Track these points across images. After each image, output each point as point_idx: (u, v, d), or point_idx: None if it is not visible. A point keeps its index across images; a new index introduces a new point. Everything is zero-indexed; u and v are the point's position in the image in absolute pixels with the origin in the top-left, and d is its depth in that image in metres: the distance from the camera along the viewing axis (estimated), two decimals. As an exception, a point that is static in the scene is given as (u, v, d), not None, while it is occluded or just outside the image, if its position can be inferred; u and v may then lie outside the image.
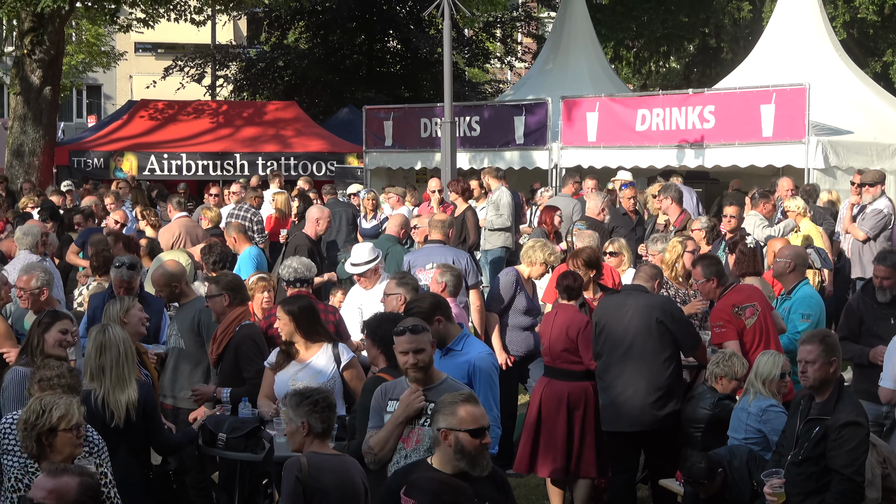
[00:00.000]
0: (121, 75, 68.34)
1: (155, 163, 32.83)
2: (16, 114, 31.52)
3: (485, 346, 9.82)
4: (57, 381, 7.98)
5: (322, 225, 16.07)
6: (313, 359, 10.08)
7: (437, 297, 9.90)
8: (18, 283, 11.45)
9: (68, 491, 5.86)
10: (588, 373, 11.37)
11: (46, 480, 5.93)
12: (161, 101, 36.97)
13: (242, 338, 10.59)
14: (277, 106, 37.39)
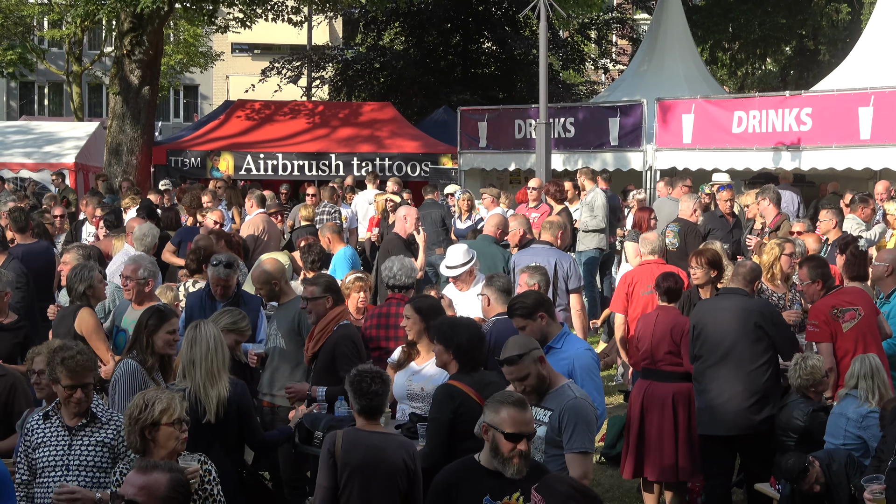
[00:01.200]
0: (217, 76, 68.97)
1: (251, 162, 33.06)
2: (115, 113, 31.90)
3: (584, 343, 9.81)
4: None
5: (410, 223, 16.08)
6: (429, 363, 10.05)
7: (541, 294, 9.90)
8: (125, 271, 11.56)
9: (159, 487, 5.86)
10: (689, 374, 11.29)
11: (137, 476, 5.93)
12: (258, 101, 37.22)
13: (341, 337, 10.59)
14: (373, 107, 37.50)
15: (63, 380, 7.67)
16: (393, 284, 11.70)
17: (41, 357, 8.57)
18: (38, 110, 69.61)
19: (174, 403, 7.34)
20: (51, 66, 54.90)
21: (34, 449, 7.74)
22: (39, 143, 35.22)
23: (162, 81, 41.18)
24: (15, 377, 9.03)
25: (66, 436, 7.74)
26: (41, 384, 8.52)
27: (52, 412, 7.83)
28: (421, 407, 10.06)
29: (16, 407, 8.90)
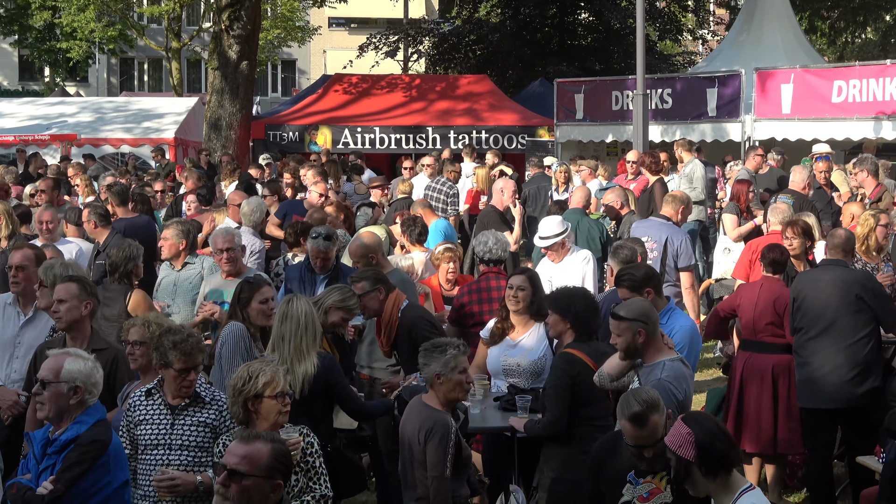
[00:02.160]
0: (315, 50, 69.30)
1: (349, 136, 33.23)
2: (213, 88, 32.17)
3: (689, 319, 9.81)
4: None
5: (507, 195, 16.07)
6: (525, 336, 10.09)
7: (651, 268, 9.93)
8: (219, 243, 11.69)
9: (261, 457, 5.88)
10: (790, 346, 11.21)
11: (239, 446, 5.96)
12: (355, 75, 37.35)
13: (412, 320, 10.50)
14: (470, 80, 37.47)
15: (176, 363, 7.69)
16: (488, 259, 11.74)
17: (136, 328, 8.63)
18: (138, 86, 70.38)
19: (278, 376, 7.39)
20: (150, 43, 55.46)
21: (135, 425, 7.80)
22: (139, 118, 35.69)
23: (260, 56, 41.42)
24: (117, 350, 9.14)
25: (169, 415, 7.77)
26: (135, 355, 8.61)
27: (155, 390, 7.87)
28: (517, 381, 10.10)
29: (118, 380, 9.01)
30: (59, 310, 9.08)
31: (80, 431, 6.98)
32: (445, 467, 8.08)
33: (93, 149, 33.01)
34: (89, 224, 14.19)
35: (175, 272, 12.40)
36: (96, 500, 6.94)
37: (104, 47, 59.89)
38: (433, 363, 8.26)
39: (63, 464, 6.91)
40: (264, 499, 5.90)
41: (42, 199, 17.03)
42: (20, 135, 33.68)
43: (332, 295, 10.00)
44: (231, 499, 5.86)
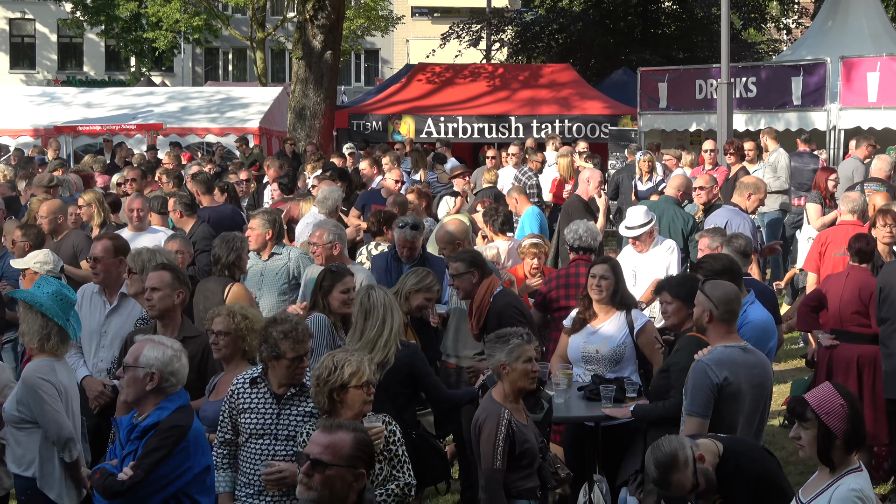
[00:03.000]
0: (398, 39, 69.38)
1: (432, 126, 33.27)
2: (298, 78, 32.33)
3: (765, 313, 9.75)
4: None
5: (593, 185, 16.04)
6: (605, 324, 10.13)
7: (733, 260, 9.90)
8: (311, 238, 11.75)
9: (343, 446, 5.86)
10: (877, 336, 11.11)
11: (322, 436, 5.94)
12: (439, 64, 37.37)
13: (503, 306, 10.54)
14: (553, 69, 37.40)
15: (289, 353, 7.72)
16: (578, 246, 11.75)
17: (220, 318, 8.67)
18: (223, 76, 70.83)
19: (363, 366, 7.42)
20: (235, 33, 55.76)
21: (239, 413, 7.84)
22: (224, 108, 35.98)
23: (343, 46, 41.57)
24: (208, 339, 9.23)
25: (275, 404, 7.79)
26: (219, 345, 8.67)
27: (260, 378, 7.89)
28: (596, 369, 10.12)
29: (209, 368, 9.08)
30: (151, 297, 9.16)
31: (160, 417, 7.06)
32: (495, 459, 8.08)
33: (178, 138, 33.31)
34: (175, 213, 14.33)
35: (262, 262, 12.44)
36: (176, 485, 7.03)
37: (189, 37, 60.30)
38: (497, 353, 8.27)
39: (143, 449, 6.99)
40: (347, 488, 5.91)
41: (131, 188, 17.19)
42: (107, 124, 34.04)
43: (409, 279, 10.13)
44: (314, 488, 5.89)
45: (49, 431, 8.09)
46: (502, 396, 8.28)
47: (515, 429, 8.13)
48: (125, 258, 10.27)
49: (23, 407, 8.11)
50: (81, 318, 10.06)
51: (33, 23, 70.40)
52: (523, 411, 8.37)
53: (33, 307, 8.24)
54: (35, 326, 8.23)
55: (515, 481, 8.20)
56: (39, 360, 8.25)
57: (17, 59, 70.56)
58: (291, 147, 29.01)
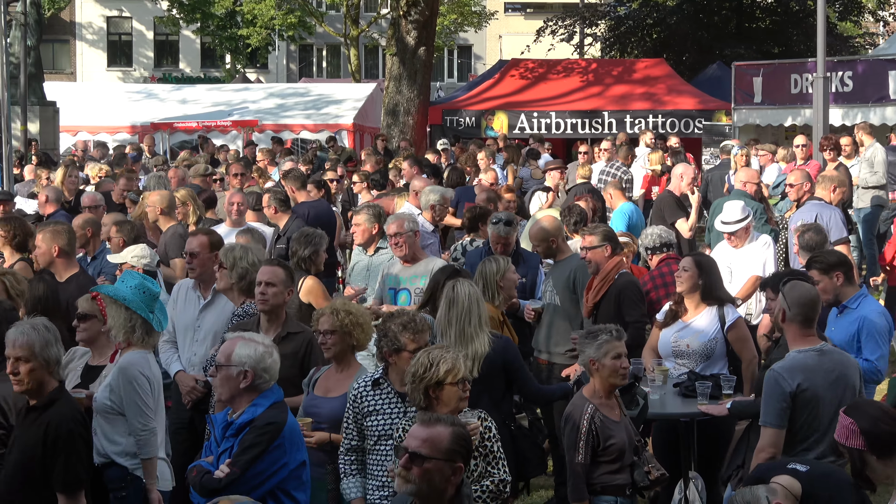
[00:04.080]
0: (490, 35, 69.35)
1: (525, 121, 33.26)
2: (391, 74, 32.48)
3: (879, 307, 9.67)
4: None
5: (686, 181, 15.95)
6: (697, 318, 10.10)
7: (843, 255, 9.85)
8: (389, 229, 11.75)
9: (441, 440, 5.89)
10: None
11: (420, 429, 5.98)
12: (532, 60, 37.35)
13: (625, 284, 10.75)
14: (647, 64, 37.26)
15: (410, 344, 7.79)
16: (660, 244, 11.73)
17: (326, 317, 8.70)
18: (317, 72, 71.17)
19: (458, 363, 7.43)
20: (329, 29, 56.06)
21: (364, 417, 7.87)
22: (318, 104, 36.19)
23: (437, 42, 41.64)
24: (312, 335, 9.28)
25: (400, 403, 7.85)
26: (327, 344, 8.71)
27: (382, 379, 7.94)
28: (686, 363, 10.10)
29: (312, 363, 9.14)
30: (265, 292, 9.21)
31: (255, 414, 7.07)
32: (577, 452, 8.10)
33: (273, 135, 33.54)
34: (270, 209, 14.45)
35: (368, 257, 12.50)
36: (273, 481, 7.04)
37: (284, 34, 60.73)
38: (587, 349, 8.28)
39: (239, 447, 7.01)
40: (445, 481, 5.93)
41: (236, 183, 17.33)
42: (203, 121, 34.38)
43: (489, 266, 10.11)
44: (412, 481, 5.92)
45: (133, 424, 8.12)
46: (592, 392, 8.29)
47: (600, 424, 8.13)
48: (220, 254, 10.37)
49: (115, 397, 8.16)
50: (176, 312, 10.24)
51: (130, 21, 71.20)
52: (617, 408, 8.36)
53: (118, 301, 8.30)
54: (120, 320, 8.28)
55: (600, 476, 8.21)
56: (136, 353, 8.30)
57: (115, 56, 71.41)
58: (383, 143, 29.12)
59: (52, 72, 55.67)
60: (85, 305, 8.85)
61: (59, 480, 7.18)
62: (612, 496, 8.24)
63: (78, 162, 24.33)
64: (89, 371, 8.77)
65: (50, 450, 7.16)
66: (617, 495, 8.26)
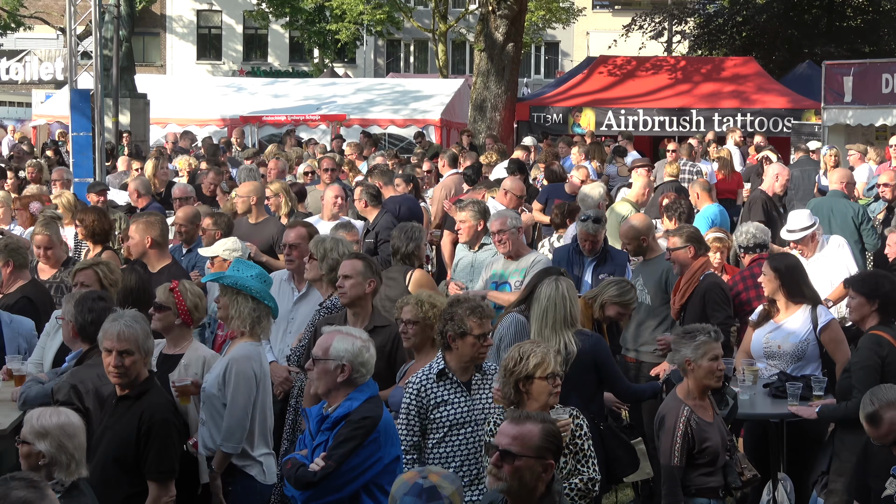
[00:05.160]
0: (578, 32, 69.11)
1: (612, 118, 33.14)
2: (479, 70, 32.48)
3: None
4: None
5: (780, 182, 15.85)
6: (789, 319, 10.06)
7: None
8: (492, 227, 11.79)
9: (532, 437, 5.95)
10: None
11: (510, 427, 6.03)
12: (620, 56, 37.21)
13: (710, 285, 10.74)
14: (736, 62, 36.96)
15: (475, 329, 7.83)
16: (754, 244, 11.65)
17: (409, 307, 8.75)
18: (404, 68, 71.33)
19: (548, 358, 7.45)
20: (417, 24, 56.19)
21: (430, 409, 7.91)
22: (406, 99, 36.27)
23: (524, 38, 41.58)
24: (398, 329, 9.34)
25: (465, 392, 7.93)
26: (408, 334, 8.76)
27: (447, 369, 7.98)
28: (777, 364, 10.05)
29: (399, 357, 9.19)
30: (343, 285, 9.26)
31: (350, 408, 7.10)
32: (673, 455, 8.06)
33: (361, 129, 33.67)
34: (360, 202, 14.54)
35: (472, 253, 12.52)
36: (367, 475, 7.07)
37: (372, 29, 60.88)
38: (683, 349, 8.24)
39: (334, 440, 7.05)
40: (536, 479, 5.97)
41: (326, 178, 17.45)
42: (292, 115, 34.58)
43: (610, 289, 10.02)
44: (503, 479, 5.96)
45: (230, 420, 8.14)
46: (685, 393, 8.26)
47: (695, 426, 8.10)
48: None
49: (225, 388, 8.17)
50: (270, 304, 10.35)
51: (220, 14, 71.70)
52: (710, 409, 8.34)
53: (241, 291, 8.31)
54: (245, 310, 8.27)
55: (695, 479, 8.17)
56: (249, 346, 8.32)
57: (204, 50, 71.94)
58: (469, 139, 29.12)
59: (142, 64, 56.17)
60: (162, 296, 8.91)
61: (153, 469, 7.28)
62: (706, 498, 8.22)
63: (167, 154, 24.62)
64: (165, 360, 8.85)
65: (143, 438, 7.26)
66: (710, 497, 8.23)
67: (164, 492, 7.40)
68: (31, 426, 6.37)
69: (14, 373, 9.62)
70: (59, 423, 6.38)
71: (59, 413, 6.49)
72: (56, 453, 6.30)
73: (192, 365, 8.73)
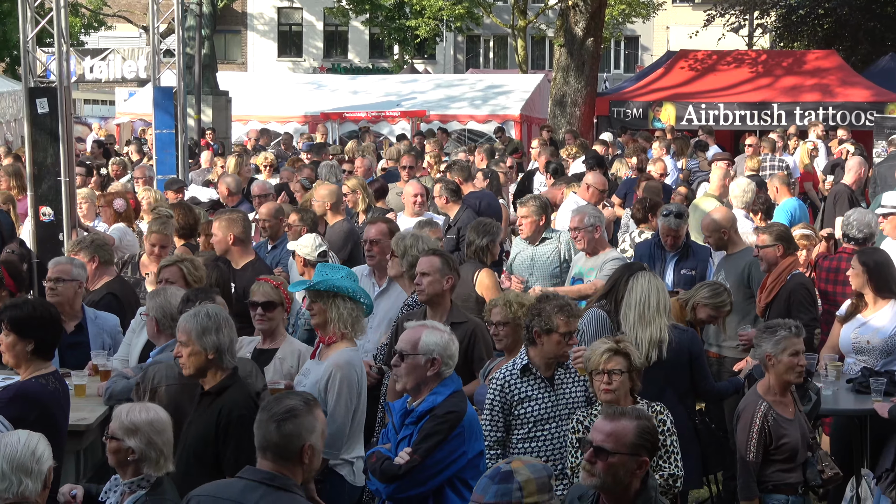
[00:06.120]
0: (658, 26, 68.83)
1: (692, 113, 32.96)
2: (559, 65, 32.42)
3: None
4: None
5: (861, 175, 15.70)
6: (877, 314, 9.99)
7: None
8: (572, 222, 11.86)
9: (626, 434, 5.99)
10: None
11: (605, 423, 6.07)
12: (700, 51, 37.00)
13: (796, 285, 10.67)
14: (817, 55, 36.61)
15: (562, 326, 7.90)
16: (848, 235, 11.55)
17: (498, 308, 8.80)
18: (483, 63, 71.35)
19: (595, 354, 7.58)
20: (496, 20, 56.18)
21: (515, 405, 7.96)
22: (486, 95, 36.29)
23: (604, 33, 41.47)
24: (476, 324, 9.36)
25: (548, 388, 8.00)
26: (500, 335, 8.80)
27: (530, 365, 8.04)
28: (867, 360, 9.97)
29: (475, 354, 9.22)
30: (421, 282, 9.31)
31: (435, 402, 7.16)
32: (749, 451, 8.07)
33: (441, 125, 33.74)
34: (441, 199, 14.57)
35: (531, 248, 12.50)
36: (452, 469, 7.10)
37: (451, 25, 60.92)
38: (764, 344, 8.23)
39: (419, 434, 7.11)
40: (630, 475, 6.01)
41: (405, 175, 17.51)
42: (372, 111, 34.69)
43: (702, 291, 9.94)
44: (597, 475, 5.99)
45: (332, 426, 7.99)
46: (766, 389, 8.24)
47: (772, 422, 8.09)
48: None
49: (325, 394, 8.15)
50: (351, 299, 10.39)
51: (300, 11, 72.09)
52: (791, 405, 8.30)
53: (338, 294, 8.25)
54: (345, 312, 8.22)
55: (772, 474, 8.17)
56: (350, 352, 8.32)
57: (285, 47, 72.36)
58: (549, 134, 29.05)
59: (223, 62, 56.61)
60: (271, 294, 9.00)
61: (231, 464, 7.32)
62: (784, 495, 8.20)
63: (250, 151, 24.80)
64: (260, 354, 8.92)
65: (222, 434, 7.29)
66: (789, 494, 8.21)
67: None
68: (121, 422, 6.43)
69: (100, 368, 9.73)
70: (148, 419, 6.44)
71: (147, 409, 6.55)
72: (146, 449, 6.37)
73: (287, 359, 8.83)
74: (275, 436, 5.91)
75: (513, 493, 5.43)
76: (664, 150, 22.17)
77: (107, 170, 21.26)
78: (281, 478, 5.91)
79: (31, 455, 6.06)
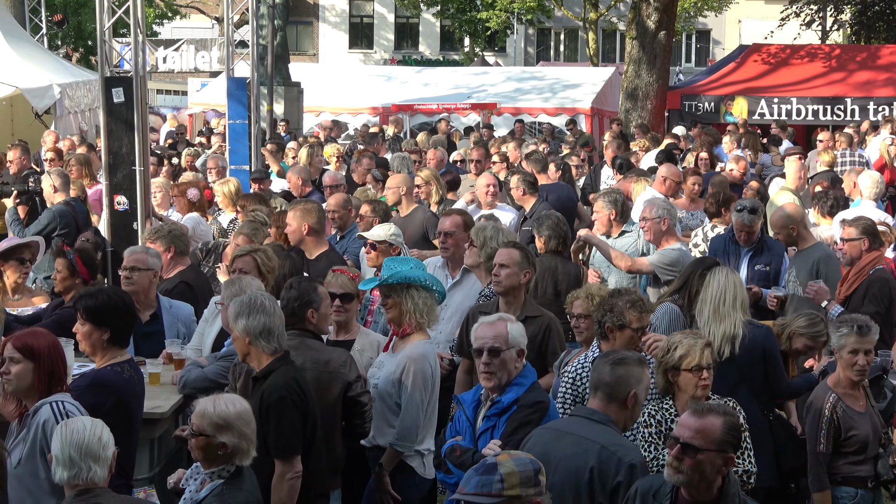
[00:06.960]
0: (730, 20, 68.42)
1: (765, 107, 32.74)
2: (631, 58, 32.31)
3: None
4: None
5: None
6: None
7: None
8: (642, 213, 11.92)
9: (714, 430, 5.99)
10: None
11: (692, 419, 6.08)
12: (773, 45, 36.75)
13: (876, 279, 10.61)
14: (892, 49, 36.24)
15: (634, 322, 7.95)
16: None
17: (580, 301, 8.84)
18: (554, 56, 71.22)
19: (694, 350, 7.53)
20: (568, 13, 56.08)
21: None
22: (556, 88, 36.24)
23: (676, 26, 41.29)
24: (550, 318, 9.39)
25: None
26: (580, 328, 8.82)
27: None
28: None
29: (549, 348, 9.24)
30: (499, 274, 9.35)
31: (519, 394, 7.22)
32: (818, 441, 8.08)
33: (511, 118, 33.74)
34: (517, 191, 14.56)
35: (610, 240, 12.45)
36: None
37: (522, 17, 60.89)
38: (833, 337, 8.32)
39: (508, 426, 7.15)
40: (716, 472, 6.03)
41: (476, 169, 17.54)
42: (443, 103, 34.72)
43: (799, 320, 9.61)
44: (684, 472, 5.99)
45: (406, 420, 8.21)
46: (836, 381, 8.24)
47: (841, 413, 8.09)
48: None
49: (398, 387, 8.23)
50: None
51: (372, 3, 72.23)
52: (863, 399, 8.26)
53: (412, 284, 8.32)
54: (420, 301, 8.31)
55: (841, 467, 8.18)
56: (424, 344, 8.39)
57: (356, 38, 72.52)
58: (619, 127, 28.97)
59: (295, 53, 56.82)
60: (349, 285, 9.07)
61: (274, 446, 7.37)
62: (853, 487, 8.19)
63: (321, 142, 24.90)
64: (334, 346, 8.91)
65: (265, 417, 7.35)
66: (858, 487, 8.20)
67: (287, 468, 7.41)
68: (210, 419, 6.47)
69: (174, 357, 9.81)
70: (236, 412, 6.51)
71: (233, 402, 6.61)
72: (238, 442, 6.45)
73: (366, 350, 8.90)
74: (607, 375, 6.56)
75: (493, 484, 5.44)
76: (735, 145, 22.03)
77: (178, 160, 21.40)
78: (600, 414, 6.55)
79: (98, 441, 6.16)
